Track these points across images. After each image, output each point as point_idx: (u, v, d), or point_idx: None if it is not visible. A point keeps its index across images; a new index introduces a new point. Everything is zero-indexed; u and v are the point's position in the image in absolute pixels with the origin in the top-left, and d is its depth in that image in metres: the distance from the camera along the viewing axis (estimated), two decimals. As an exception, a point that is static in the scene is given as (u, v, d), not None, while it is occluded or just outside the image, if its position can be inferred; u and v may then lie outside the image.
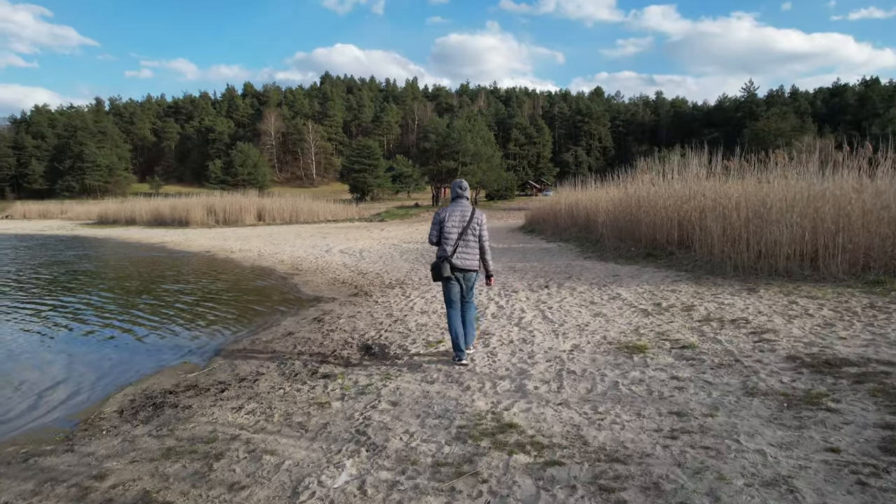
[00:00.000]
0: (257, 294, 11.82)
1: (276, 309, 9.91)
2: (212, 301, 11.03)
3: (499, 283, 10.65)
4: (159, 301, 11.35)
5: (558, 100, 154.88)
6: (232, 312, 9.84)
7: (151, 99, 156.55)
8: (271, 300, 10.89)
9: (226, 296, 11.73)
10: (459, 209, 5.44)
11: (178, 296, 11.83)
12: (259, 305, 10.39)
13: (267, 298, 11.12)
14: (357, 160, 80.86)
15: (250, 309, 10.11)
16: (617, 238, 15.53)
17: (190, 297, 11.66)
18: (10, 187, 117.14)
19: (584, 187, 23.61)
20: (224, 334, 8.13)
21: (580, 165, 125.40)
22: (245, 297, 11.53)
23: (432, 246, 5.63)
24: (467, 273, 5.48)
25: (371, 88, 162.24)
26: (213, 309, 10.22)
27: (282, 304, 10.47)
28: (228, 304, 10.76)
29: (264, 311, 9.78)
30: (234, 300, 11.13)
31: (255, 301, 10.95)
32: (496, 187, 66.37)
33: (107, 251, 24.76)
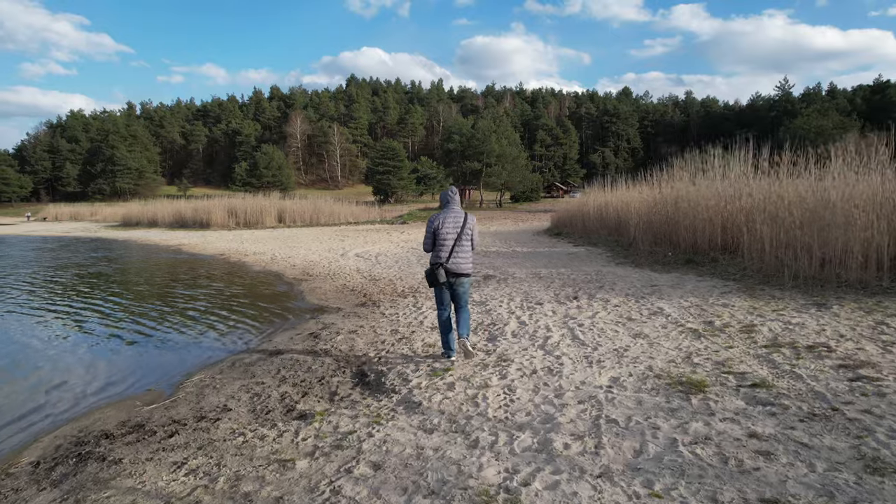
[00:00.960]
0: (259, 303, 10.85)
1: (273, 321, 8.91)
2: (208, 311, 10.11)
3: (521, 293, 9.50)
4: (154, 308, 10.47)
5: (585, 100, 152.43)
6: (225, 325, 8.89)
7: (181, 103, 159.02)
8: (271, 311, 9.91)
9: (225, 304, 10.80)
10: (452, 215, 5.51)
11: (175, 303, 10.96)
12: (257, 317, 9.41)
13: (267, 308, 10.14)
14: (381, 162, 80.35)
15: (245, 321, 9.14)
16: (651, 242, 14.22)
17: (187, 305, 10.77)
18: (46, 190, 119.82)
19: (614, 188, 22.27)
20: (208, 352, 7.14)
21: (608, 167, 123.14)
22: (245, 306, 10.58)
23: (427, 253, 5.70)
24: (461, 277, 5.55)
25: (396, 90, 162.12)
26: (205, 320, 9.28)
27: (281, 314, 9.48)
28: (225, 314, 9.81)
29: (260, 324, 8.79)
30: (233, 310, 10.17)
31: (254, 311, 9.98)
32: (521, 189, 65.04)
33: (124, 253, 24.27)
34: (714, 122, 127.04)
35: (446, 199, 5.64)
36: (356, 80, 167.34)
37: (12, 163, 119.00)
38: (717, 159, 13.83)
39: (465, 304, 5.72)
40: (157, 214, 44.35)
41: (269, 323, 8.76)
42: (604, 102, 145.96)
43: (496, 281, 11.35)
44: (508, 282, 11.12)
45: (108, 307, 10.91)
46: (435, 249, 5.50)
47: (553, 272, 12.19)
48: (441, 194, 5.72)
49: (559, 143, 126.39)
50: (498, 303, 8.72)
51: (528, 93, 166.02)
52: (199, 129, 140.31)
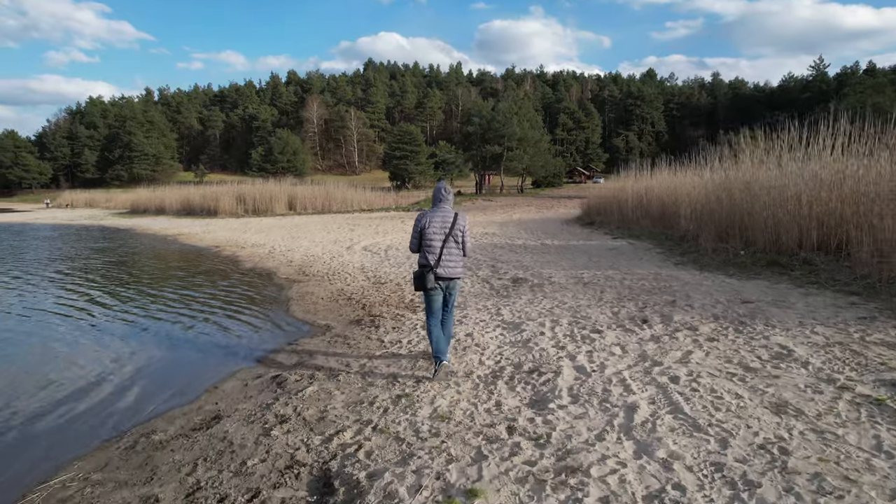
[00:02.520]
0: (230, 315, 8.68)
1: (236, 350, 6.70)
2: (159, 329, 7.96)
3: (567, 309, 7.19)
4: (82, 319, 8.37)
5: (608, 83, 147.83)
6: (168, 354, 6.70)
7: (198, 88, 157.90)
8: (240, 330, 7.71)
9: (188, 315, 8.66)
10: (440, 214, 5.03)
11: (120, 312, 8.84)
12: (214, 343, 7.17)
13: (236, 325, 7.95)
14: (398, 147, 77.96)
15: (198, 348, 6.93)
16: (715, 237, 11.74)
17: (134, 314, 8.66)
18: (65, 176, 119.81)
19: (655, 172, 19.72)
20: (107, 417, 4.88)
21: (631, 151, 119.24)
22: (209, 321, 8.41)
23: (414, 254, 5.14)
24: (451, 281, 5.06)
25: (414, 74, 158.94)
26: (143, 347, 7.12)
27: (250, 337, 7.28)
28: (178, 334, 7.65)
29: (215, 356, 6.57)
30: (191, 327, 8.02)
31: (218, 331, 7.80)
32: (543, 174, 62.24)
33: (115, 244, 22.36)
34: (743, 104, 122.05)
35: (438, 197, 5.16)
36: (374, 64, 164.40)
37: (32, 149, 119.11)
38: (791, 137, 11.26)
39: (453, 308, 5.30)
40: (164, 201, 42.67)
41: (229, 354, 6.55)
42: (627, 85, 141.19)
43: (529, 287, 9.04)
44: (545, 289, 8.79)
45: (56, 329, 8.82)
46: (421, 251, 5.02)
47: (599, 275, 9.82)
48: (434, 190, 5.20)
49: (581, 127, 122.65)
50: (537, 326, 6.41)
51: (549, 76, 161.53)
52: (217, 115, 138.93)
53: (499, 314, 7.22)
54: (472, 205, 39.63)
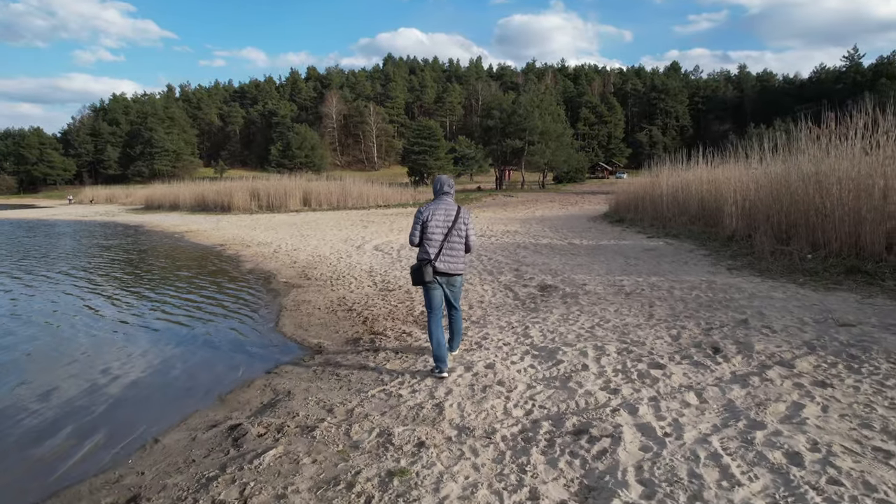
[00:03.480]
0: (203, 336, 7.44)
1: (196, 383, 5.43)
2: (115, 352, 6.74)
3: (612, 331, 5.78)
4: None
5: (631, 76, 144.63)
6: (106, 396, 5.45)
7: (219, 84, 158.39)
8: (206, 357, 6.43)
9: (155, 336, 7.44)
10: (443, 207, 4.80)
11: (78, 331, 7.65)
12: (176, 376, 5.92)
13: (205, 351, 6.67)
14: (417, 141, 76.68)
15: (151, 384, 5.67)
16: (773, 238, 10.19)
17: (99, 332, 7.46)
18: (88, 173, 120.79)
19: (691, 165, 18.11)
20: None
21: (655, 146, 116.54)
22: (184, 336, 7.18)
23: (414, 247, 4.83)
24: (452, 277, 4.83)
25: (434, 69, 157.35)
26: (81, 383, 5.89)
27: (217, 368, 5.99)
28: (132, 364, 6.42)
29: (176, 390, 5.31)
30: (157, 352, 6.78)
31: (186, 351, 6.56)
32: (566, 169, 60.41)
33: (119, 241, 21.41)
34: (772, 97, 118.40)
35: (440, 189, 4.91)
36: (393, 59, 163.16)
37: (57, 146, 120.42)
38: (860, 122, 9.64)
39: (458, 304, 5.09)
40: (178, 197, 41.96)
41: (190, 388, 5.28)
42: (651, 78, 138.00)
43: (561, 298, 7.64)
44: (581, 300, 7.39)
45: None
46: (422, 244, 4.76)
47: (642, 283, 8.37)
48: (437, 181, 4.97)
49: (604, 122, 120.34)
50: (578, 355, 5.03)
51: (571, 69, 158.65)
52: (237, 111, 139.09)
53: (527, 335, 5.85)
54: (493, 200, 38.16)
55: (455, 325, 5.13)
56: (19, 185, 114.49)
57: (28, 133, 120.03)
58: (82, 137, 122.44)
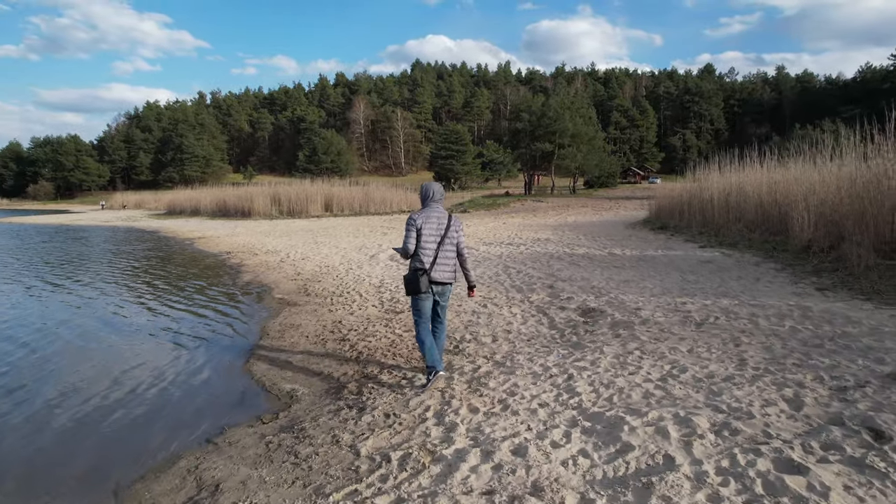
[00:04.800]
0: (148, 379, 5.95)
1: (100, 465, 3.90)
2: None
3: (691, 381, 4.06)
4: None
5: (663, 79, 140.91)
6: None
7: (249, 91, 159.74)
8: (138, 412, 4.92)
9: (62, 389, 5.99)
10: (436, 215, 4.65)
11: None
12: (73, 454, 4.42)
13: (135, 401, 5.15)
14: (444, 146, 75.31)
15: (72, 436, 4.18)
16: (872, 250, 8.28)
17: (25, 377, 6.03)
18: (121, 178, 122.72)
19: (745, 166, 16.18)
20: None
21: (689, 150, 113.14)
22: (107, 396, 5.71)
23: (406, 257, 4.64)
24: (445, 286, 4.72)
25: (462, 74, 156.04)
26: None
27: (149, 430, 4.46)
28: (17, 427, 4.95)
29: (43, 488, 3.81)
30: (63, 409, 5.31)
31: (101, 420, 5.06)
32: (597, 173, 58.09)
33: (127, 247, 20.35)
34: (813, 99, 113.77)
35: (431, 196, 4.71)
36: (421, 65, 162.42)
37: (93, 153, 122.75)
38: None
39: (445, 318, 4.93)
40: (200, 202, 41.29)
41: (86, 472, 3.74)
42: (684, 81, 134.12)
43: (611, 328, 5.94)
44: (637, 331, 5.68)
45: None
46: (416, 253, 4.59)
47: (712, 307, 6.60)
48: (425, 188, 4.77)
49: (635, 125, 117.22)
50: (652, 437, 3.32)
51: (601, 73, 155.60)
52: (265, 118, 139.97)
53: (571, 389, 4.18)
54: (522, 206, 36.36)
55: (439, 341, 4.83)
56: (56, 191, 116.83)
57: (65, 140, 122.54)
58: (116, 144, 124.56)
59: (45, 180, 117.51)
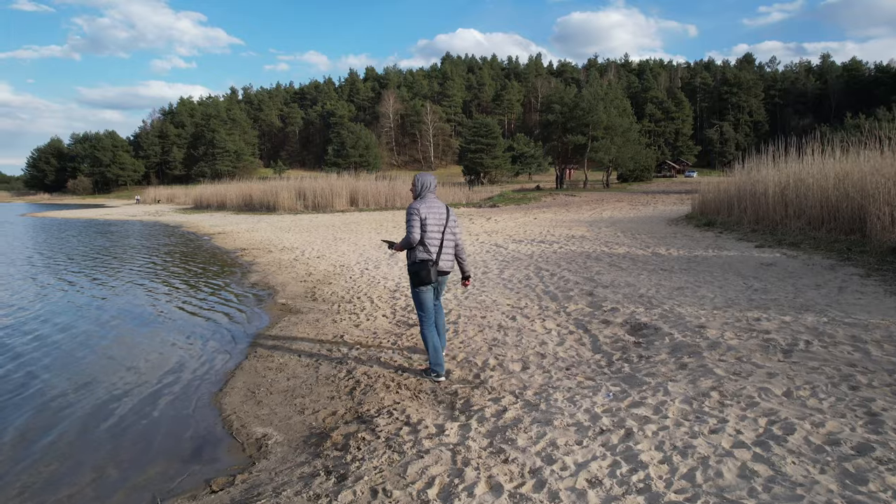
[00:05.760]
0: (85, 416, 4.96)
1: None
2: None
3: (811, 458, 2.83)
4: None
5: (700, 70, 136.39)
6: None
7: (280, 87, 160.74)
8: (56, 468, 3.92)
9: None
10: (436, 206, 4.70)
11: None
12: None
13: (75, 445, 4.16)
14: (474, 140, 73.78)
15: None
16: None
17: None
18: (156, 174, 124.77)
19: (804, 156, 14.58)
20: None
21: (726, 143, 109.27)
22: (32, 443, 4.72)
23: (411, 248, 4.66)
24: (445, 276, 4.84)
25: (492, 67, 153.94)
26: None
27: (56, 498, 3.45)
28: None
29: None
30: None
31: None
32: (632, 166, 55.86)
33: (147, 241, 19.76)
34: (861, 87, 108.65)
35: (428, 186, 4.73)
36: (451, 58, 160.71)
37: (128, 148, 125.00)
38: None
39: (441, 301, 5.03)
40: (226, 197, 40.91)
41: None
42: (722, 72, 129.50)
43: (672, 354, 4.72)
44: (709, 364, 4.42)
45: None
46: (423, 244, 4.60)
47: (794, 326, 5.29)
48: (418, 178, 4.76)
49: (670, 118, 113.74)
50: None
51: (635, 65, 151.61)
52: (296, 112, 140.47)
53: (632, 458, 2.99)
54: (553, 200, 34.87)
55: (439, 320, 4.90)
56: (94, 185, 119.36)
57: (103, 136, 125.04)
58: (151, 140, 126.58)
59: (84, 175, 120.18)
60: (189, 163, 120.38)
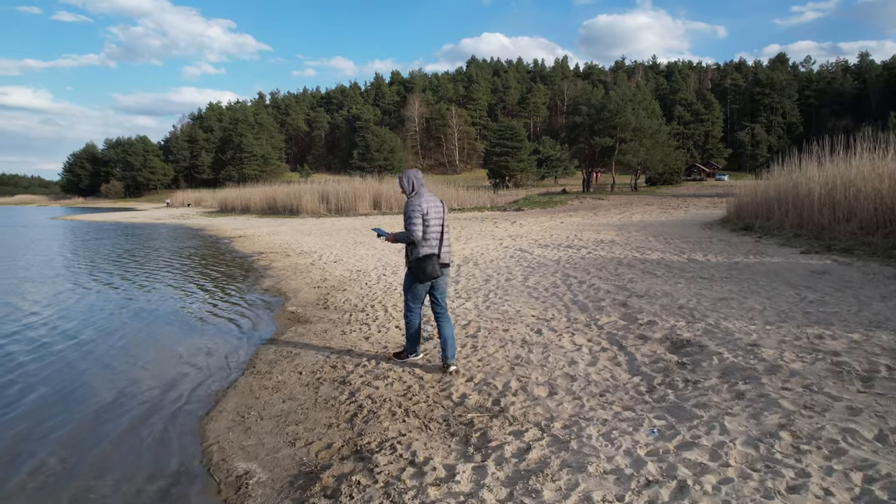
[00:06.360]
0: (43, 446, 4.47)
1: None
2: None
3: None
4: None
5: (730, 71, 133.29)
6: None
7: (307, 91, 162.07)
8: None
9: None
10: (433, 200, 4.75)
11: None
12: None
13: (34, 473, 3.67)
14: (499, 143, 72.94)
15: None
16: None
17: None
18: (185, 177, 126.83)
19: (850, 155, 13.65)
20: None
21: (758, 145, 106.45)
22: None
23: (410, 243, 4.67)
24: (447, 267, 4.84)
25: (518, 70, 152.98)
26: None
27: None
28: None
29: None
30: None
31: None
32: (661, 169, 54.43)
33: (168, 243, 19.60)
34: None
35: (419, 181, 4.76)
36: (476, 62, 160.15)
37: (159, 153, 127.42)
38: None
39: (446, 305, 4.91)
40: (250, 200, 41.03)
41: None
42: (753, 72, 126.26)
43: (722, 379, 4.04)
44: (770, 393, 3.72)
45: None
46: (426, 238, 4.61)
47: (871, 346, 4.55)
48: (410, 175, 4.76)
49: (700, 120, 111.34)
50: None
51: (663, 66, 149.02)
52: (322, 116, 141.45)
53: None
54: (580, 203, 34.00)
55: (447, 330, 4.77)
56: (126, 189, 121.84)
57: (134, 141, 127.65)
58: (180, 144, 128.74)
59: (116, 179, 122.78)
60: (217, 167, 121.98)
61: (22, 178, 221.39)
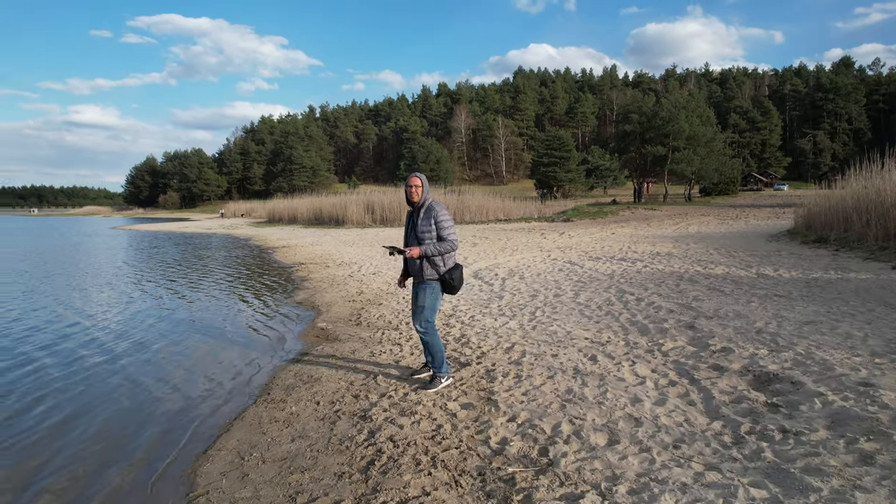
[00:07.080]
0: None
1: None
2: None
3: None
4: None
5: (789, 77, 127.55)
6: None
7: (355, 104, 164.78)
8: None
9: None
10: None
11: None
12: None
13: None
14: (546, 153, 71.71)
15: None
16: None
17: None
18: (237, 189, 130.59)
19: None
20: None
21: (821, 153, 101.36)
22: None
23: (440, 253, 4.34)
24: None
25: (565, 80, 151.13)
26: None
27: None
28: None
29: None
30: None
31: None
32: (716, 179, 51.96)
33: (214, 252, 19.64)
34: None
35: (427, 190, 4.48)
36: (523, 72, 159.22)
37: (213, 165, 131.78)
38: None
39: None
40: (297, 211, 41.39)
41: None
42: (816, 77, 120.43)
43: (832, 429, 3.18)
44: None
45: None
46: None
47: None
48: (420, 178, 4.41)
49: (756, 128, 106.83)
50: None
51: (716, 74, 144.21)
52: (370, 129, 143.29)
53: None
54: (632, 214, 32.65)
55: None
56: (181, 200, 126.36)
57: (190, 154, 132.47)
58: (233, 157, 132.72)
59: (173, 191, 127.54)
60: (268, 178, 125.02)
61: (90, 191, 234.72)
